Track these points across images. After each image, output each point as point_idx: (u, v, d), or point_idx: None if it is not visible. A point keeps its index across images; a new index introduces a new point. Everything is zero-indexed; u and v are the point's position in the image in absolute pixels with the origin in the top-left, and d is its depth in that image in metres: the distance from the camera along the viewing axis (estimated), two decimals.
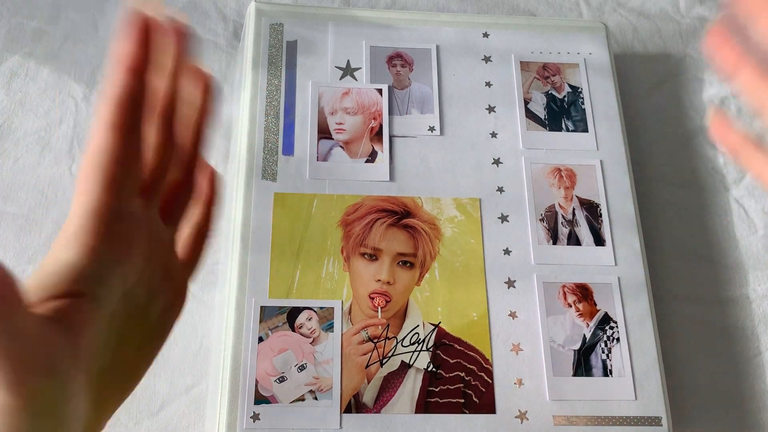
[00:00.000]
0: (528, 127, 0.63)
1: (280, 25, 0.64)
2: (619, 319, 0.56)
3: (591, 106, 0.64)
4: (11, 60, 0.68)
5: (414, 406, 0.52)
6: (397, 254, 0.56)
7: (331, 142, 0.60)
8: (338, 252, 0.56)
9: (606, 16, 0.77)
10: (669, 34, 0.77)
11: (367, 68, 0.63)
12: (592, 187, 0.60)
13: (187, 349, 0.58)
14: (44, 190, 0.63)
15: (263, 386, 0.51)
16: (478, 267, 0.56)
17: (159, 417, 0.55)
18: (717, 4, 0.78)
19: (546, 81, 0.65)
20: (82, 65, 0.69)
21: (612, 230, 0.59)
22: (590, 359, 0.54)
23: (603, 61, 0.66)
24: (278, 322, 0.53)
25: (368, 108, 0.62)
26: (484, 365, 0.53)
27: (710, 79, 0.74)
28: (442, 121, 0.62)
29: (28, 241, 0.60)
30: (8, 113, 0.66)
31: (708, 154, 0.70)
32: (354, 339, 0.53)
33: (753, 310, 0.63)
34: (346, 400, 0.51)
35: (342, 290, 0.54)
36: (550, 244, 0.58)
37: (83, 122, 0.66)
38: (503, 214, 0.59)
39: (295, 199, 0.57)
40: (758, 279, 0.64)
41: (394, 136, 0.61)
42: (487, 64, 0.65)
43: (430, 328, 0.54)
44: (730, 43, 0.39)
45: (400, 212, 0.57)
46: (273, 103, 0.61)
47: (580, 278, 0.57)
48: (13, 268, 0.59)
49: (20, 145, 0.64)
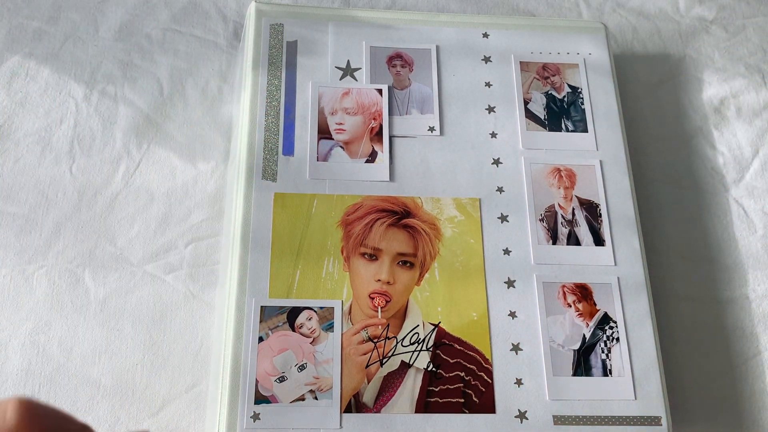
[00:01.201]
0: (528, 127, 0.63)
1: (280, 26, 0.64)
2: (618, 319, 0.56)
3: (591, 106, 0.64)
4: (12, 60, 0.68)
5: (414, 405, 0.52)
6: (397, 254, 0.56)
7: (331, 142, 0.60)
8: (338, 252, 0.56)
9: (606, 16, 0.77)
10: (668, 35, 0.77)
11: (367, 68, 0.63)
12: (592, 187, 0.60)
13: (187, 349, 0.58)
14: (44, 190, 0.63)
15: (263, 386, 0.51)
16: (477, 267, 0.57)
17: (159, 417, 0.55)
18: (717, 4, 0.79)
19: (546, 81, 0.65)
20: (82, 65, 0.69)
21: (612, 230, 0.59)
22: (590, 359, 0.54)
23: (603, 62, 0.66)
24: (278, 322, 0.53)
25: (368, 108, 0.62)
26: (483, 365, 0.53)
27: (710, 79, 0.74)
28: (442, 121, 0.62)
29: (28, 241, 0.60)
30: (9, 113, 0.66)
31: (707, 154, 0.70)
32: (354, 339, 0.53)
33: (752, 310, 0.63)
34: (346, 400, 0.51)
35: (342, 290, 0.55)
36: (550, 244, 0.58)
37: (83, 122, 0.66)
38: (503, 214, 0.59)
39: (295, 199, 0.57)
40: (757, 279, 0.64)
41: (394, 137, 0.61)
42: (487, 64, 0.65)
43: (430, 327, 0.54)
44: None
45: (400, 212, 0.57)
46: (273, 103, 0.61)
47: (580, 278, 0.57)
48: (13, 268, 0.59)
49: (21, 145, 0.64)
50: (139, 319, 0.58)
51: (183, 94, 0.68)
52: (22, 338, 0.57)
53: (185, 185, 0.64)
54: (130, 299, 0.59)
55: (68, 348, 0.57)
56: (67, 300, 0.59)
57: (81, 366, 0.57)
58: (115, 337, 0.58)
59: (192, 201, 0.63)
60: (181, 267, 0.61)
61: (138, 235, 0.62)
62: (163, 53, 0.70)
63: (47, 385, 0.56)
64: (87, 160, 0.64)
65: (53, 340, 0.57)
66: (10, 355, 0.56)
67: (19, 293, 0.59)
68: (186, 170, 0.65)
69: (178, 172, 0.64)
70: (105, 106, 0.67)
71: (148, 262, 0.61)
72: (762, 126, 0.71)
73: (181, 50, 0.70)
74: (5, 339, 0.57)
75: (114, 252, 0.61)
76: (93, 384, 0.56)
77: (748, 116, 0.72)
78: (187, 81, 0.69)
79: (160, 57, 0.70)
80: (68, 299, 0.59)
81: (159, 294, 0.60)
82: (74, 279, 0.59)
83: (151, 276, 0.60)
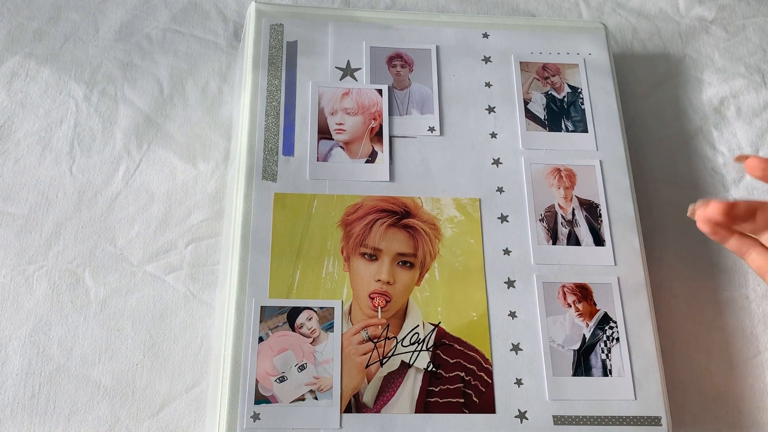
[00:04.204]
0: (528, 128, 0.63)
1: (280, 26, 0.64)
2: (618, 319, 0.56)
3: (591, 106, 0.64)
4: (12, 60, 0.68)
5: (414, 405, 0.52)
6: (397, 254, 0.56)
7: (331, 142, 0.60)
8: (338, 252, 0.56)
9: (606, 16, 0.77)
10: (668, 35, 0.77)
11: (367, 69, 0.63)
12: (592, 187, 0.60)
13: (187, 349, 0.58)
14: (44, 191, 0.63)
15: (263, 386, 0.51)
16: (477, 267, 0.57)
17: (159, 417, 0.56)
18: (717, 4, 0.79)
19: (546, 81, 0.65)
20: (82, 65, 0.69)
21: (611, 230, 0.59)
22: (590, 359, 0.54)
23: (603, 62, 0.66)
24: (278, 322, 0.53)
25: (368, 108, 0.62)
26: (483, 365, 0.53)
27: (710, 79, 0.74)
28: (441, 122, 0.62)
29: (28, 241, 0.61)
30: (9, 113, 0.66)
31: (707, 155, 0.70)
32: (354, 339, 0.53)
33: (752, 310, 0.63)
34: (346, 400, 0.51)
35: (342, 290, 0.55)
36: (550, 244, 0.58)
37: (83, 122, 0.66)
38: (503, 214, 0.59)
39: (295, 199, 0.57)
40: (757, 279, 0.64)
41: (394, 137, 0.61)
42: (487, 64, 0.65)
43: (430, 328, 0.54)
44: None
45: (400, 212, 0.57)
46: (273, 103, 0.61)
47: (580, 278, 0.57)
48: (13, 268, 0.59)
49: (21, 146, 0.64)
50: (139, 319, 0.58)
51: (183, 94, 0.68)
52: (22, 338, 0.57)
53: (185, 185, 0.64)
54: (130, 299, 0.59)
55: (68, 348, 0.57)
56: (67, 300, 0.59)
57: (81, 366, 0.57)
58: (115, 337, 0.58)
59: (192, 201, 0.63)
60: (181, 267, 0.61)
61: (138, 235, 0.62)
62: (163, 53, 0.70)
63: (47, 385, 0.56)
64: (87, 160, 0.64)
65: (53, 340, 0.57)
66: (10, 355, 0.56)
67: (19, 293, 0.59)
68: (186, 170, 0.65)
69: (178, 172, 0.64)
70: (105, 106, 0.67)
71: (148, 262, 0.61)
72: (762, 126, 0.71)
73: (181, 50, 0.70)
74: (5, 339, 0.57)
75: (114, 252, 0.61)
76: (93, 384, 0.56)
77: (748, 116, 0.72)
78: (187, 81, 0.69)
79: (160, 57, 0.70)
80: (68, 299, 0.59)
81: (159, 294, 0.60)
82: (74, 279, 0.59)
83: (151, 276, 0.60)
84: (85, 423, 0.55)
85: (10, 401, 0.55)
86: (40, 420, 0.55)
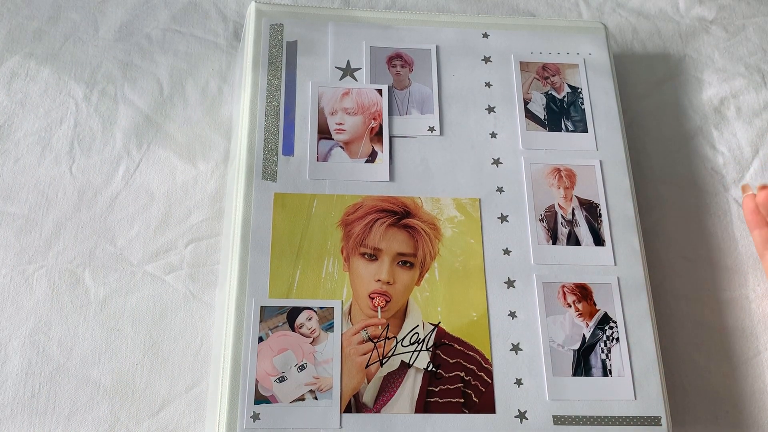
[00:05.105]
0: (528, 128, 0.63)
1: (280, 26, 0.64)
2: (618, 319, 0.56)
3: (590, 106, 0.64)
4: (12, 60, 0.68)
5: (414, 405, 0.52)
6: (397, 254, 0.56)
7: (331, 142, 0.60)
8: (338, 252, 0.56)
9: (606, 16, 0.77)
10: (668, 35, 0.77)
11: (367, 68, 0.63)
12: (592, 187, 0.60)
13: (187, 349, 0.58)
14: (44, 190, 0.63)
15: (263, 386, 0.51)
16: (477, 267, 0.57)
17: (159, 417, 0.56)
18: (717, 4, 0.79)
19: (546, 81, 0.65)
20: (82, 65, 0.69)
21: (611, 230, 0.59)
22: (590, 359, 0.54)
23: (602, 62, 0.66)
24: (278, 322, 0.53)
25: (368, 108, 0.62)
26: (483, 365, 0.53)
27: (710, 79, 0.74)
28: (441, 122, 0.62)
29: (28, 241, 0.61)
30: (9, 113, 0.66)
31: (707, 154, 0.70)
32: (354, 339, 0.53)
33: (752, 310, 0.63)
34: (346, 400, 0.51)
35: (342, 290, 0.55)
36: (550, 244, 0.58)
37: (83, 122, 0.66)
38: (503, 214, 0.59)
39: (295, 199, 0.57)
40: (757, 279, 0.64)
41: (394, 137, 0.61)
42: (487, 64, 0.65)
43: (430, 328, 0.54)
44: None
45: (400, 212, 0.57)
46: (273, 103, 0.61)
47: (580, 278, 0.57)
48: (13, 268, 0.59)
49: (21, 146, 0.64)
50: (139, 319, 0.58)
51: (183, 94, 0.68)
52: (22, 338, 0.57)
53: (185, 185, 0.64)
54: (130, 299, 0.59)
55: (68, 348, 0.57)
56: (67, 300, 0.59)
57: (81, 366, 0.57)
58: (115, 337, 0.58)
59: (192, 201, 0.63)
60: (181, 267, 0.61)
61: (138, 235, 0.62)
62: (163, 53, 0.70)
63: (47, 385, 0.56)
64: (87, 160, 0.64)
65: (53, 340, 0.57)
66: (10, 355, 0.56)
67: (19, 293, 0.59)
68: (186, 170, 0.65)
69: (178, 172, 0.64)
70: (105, 106, 0.67)
71: (148, 262, 0.61)
72: (762, 126, 0.71)
73: (181, 50, 0.70)
74: (5, 339, 0.57)
75: (114, 252, 0.61)
76: (93, 384, 0.56)
77: (748, 116, 0.72)
78: (187, 81, 0.69)
79: (160, 57, 0.70)
80: (68, 299, 0.59)
81: (159, 294, 0.60)
82: (74, 279, 0.59)
83: (151, 276, 0.60)
84: (85, 423, 0.55)
85: (10, 401, 0.55)
86: (40, 420, 0.55)
